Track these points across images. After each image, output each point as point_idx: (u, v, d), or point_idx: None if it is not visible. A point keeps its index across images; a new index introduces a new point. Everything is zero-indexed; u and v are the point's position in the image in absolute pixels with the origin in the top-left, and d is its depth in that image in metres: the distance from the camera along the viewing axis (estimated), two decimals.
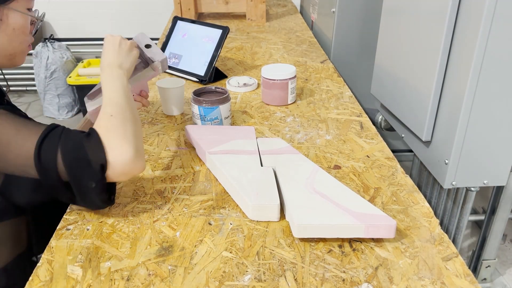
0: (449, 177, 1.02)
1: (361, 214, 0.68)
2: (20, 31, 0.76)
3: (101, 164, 0.64)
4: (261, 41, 1.74)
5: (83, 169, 0.64)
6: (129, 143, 0.66)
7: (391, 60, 1.23)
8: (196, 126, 0.99)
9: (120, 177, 0.67)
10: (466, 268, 0.64)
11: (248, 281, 0.62)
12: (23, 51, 0.79)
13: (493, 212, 1.26)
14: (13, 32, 0.75)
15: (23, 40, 0.77)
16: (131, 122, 0.70)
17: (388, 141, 1.69)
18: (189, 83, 1.33)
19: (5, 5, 0.72)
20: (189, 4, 1.95)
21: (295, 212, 0.69)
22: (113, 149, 0.65)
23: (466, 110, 0.93)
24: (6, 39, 0.75)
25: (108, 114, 0.69)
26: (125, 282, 0.62)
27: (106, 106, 0.72)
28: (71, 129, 0.68)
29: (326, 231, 0.68)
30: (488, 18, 0.85)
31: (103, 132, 0.66)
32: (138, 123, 0.73)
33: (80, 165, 0.64)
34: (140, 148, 0.69)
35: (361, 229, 0.67)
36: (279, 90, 1.14)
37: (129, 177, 0.68)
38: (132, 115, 0.72)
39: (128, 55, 0.82)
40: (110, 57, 0.80)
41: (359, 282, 0.62)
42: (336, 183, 0.77)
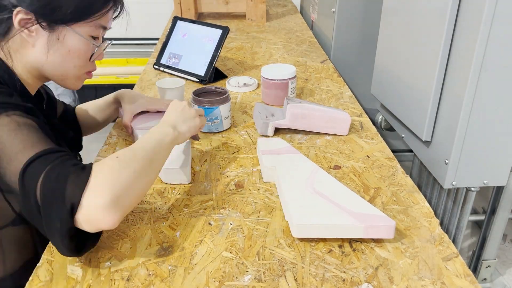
0: (449, 177, 1.02)
1: (361, 215, 0.68)
2: (76, 55, 0.75)
3: (72, 203, 0.56)
4: (261, 41, 1.74)
5: (54, 204, 0.56)
6: (111, 190, 0.57)
7: (391, 60, 1.23)
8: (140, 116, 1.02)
9: (84, 224, 0.57)
10: (466, 268, 0.64)
11: (248, 281, 0.62)
12: (76, 76, 0.78)
13: (493, 212, 1.26)
14: (67, 54, 0.74)
15: (77, 65, 0.76)
16: (133, 174, 0.61)
17: (388, 141, 1.68)
18: (189, 83, 1.33)
19: (65, 25, 0.72)
20: (189, 4, 1.95)
21: (294, 212, 0.69)
22: (92, 190, 0.57)
23: (466, 110, 0.93)
24: (60, 60, 0.74)
25: (116, 155, 0.63)
26: (125, 282, 0.62)
27: (127, 149, 0.66)
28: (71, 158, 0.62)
29: (325, 231, 0.68)
30: (488, 18, 0.85)
31: (97, 170, 0.59)
32: (142, 182, 0.63)
33: (54, 199, 0.56)
34: (122, 202, 0.59)
35: (360, 229, 0.67)
36: (279, 90, 1.14)
37: (94, 228, 0.58)
38: (141, 170, 0.63)
39: (188, 121, 0.79)
40: (169, 116, 0.79)
41: (359, 282, 0.62)
42: (336, 183, 0.77)
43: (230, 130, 1.04)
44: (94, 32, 0.76)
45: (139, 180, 0.63)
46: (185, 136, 0.78)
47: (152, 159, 0.67)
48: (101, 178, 0.58)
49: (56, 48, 0.73)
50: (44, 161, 0.59)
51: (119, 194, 0.58)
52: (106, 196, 0.57)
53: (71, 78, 0.78)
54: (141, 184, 0.63)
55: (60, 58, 0.74)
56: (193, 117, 0.80)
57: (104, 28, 0.78)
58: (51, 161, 0.59)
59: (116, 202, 0.58)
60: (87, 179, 0.57)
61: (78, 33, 0.73)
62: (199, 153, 0.95)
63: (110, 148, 0.96)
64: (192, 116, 0.80)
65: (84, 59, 0.77)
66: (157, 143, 0.70)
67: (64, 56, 0.74)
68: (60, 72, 0.76)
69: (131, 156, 0.64)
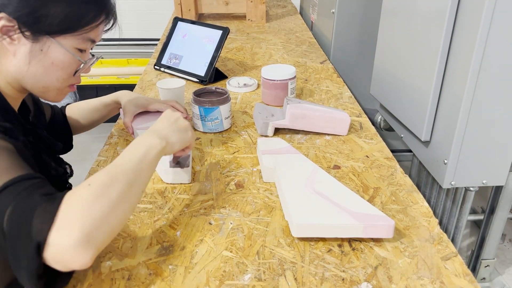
0: (448, 177, 1.03)
1: (360, 214, 0.69)
2: (59, 67, 0.70)
3: (38, 241, 0.50)
4: (261, 42, 1.74)
5: (20, 240, 0.51)
6: (81, 225, 0.51)
7: (391, 61, 1.24)
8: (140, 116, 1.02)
9: (53, 263, 0.52)
10: (465, 268, 0.64)
11: (248, 281, 0.62)
12: (58, 89, 0.73)
13: (492, 212, 1.27)
14: (50, 66, 0.69)
15: (60, 78, 0.71)
16: (108, 204, 0.55)
17: (388, 141, 1.69)
18: (190, 83, 1.33)
19: (49, 36, 0.67)
20: (190, 5, 1.96)
21: (294, 212, 0.69)
22: (59, 227, 0.51)
23: (465, 110, 0.94)
24: (41, 71, 0.69)
25: (89, 182, 0.56)
26: (126, 281, 0.62)
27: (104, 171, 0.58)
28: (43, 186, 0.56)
29: (324, 230, 0.68)
30: (487, 18, 0.85)
31: (66, 202, 0.53)
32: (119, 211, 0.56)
33: (20, 235, 0.51)
34: (94, 239, 0.52)
35: (359, 229, 0.67)
36: (279, 90, 1.14)
37: (65, 268, 0.52)
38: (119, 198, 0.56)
39: (179, 132, 0.73)
40: (158, 125, 0.72)
41: (358, 282, 0.62)
42: (335, 183, 0.78)
43: (230, 130, 1.05)
44: (81, 45, 0.71)
45: (116, 210, 0.56)
46: (174, 148, 0.72)
47: (133, 181, 0.59)
48: (69, 213, 0.52)
49: (38, 59, 0.68)
50: (13, 191, 0.54)
51: (90, 230, 0.52)
52: (74, 234, 0.50)
53: (53, 91, 0.73)
54: (119, 213, 0.56)
55: (42, 70, 0.69)
56: (185, 130, 0.75)
57: (93, 41, 0.73)
58: (19, 192, 0.54)
59: (87, 239, 0.51)
60: (54, 213, 0.51)
61: (63, 46, 0.69)
62: (199, 153, 0.95)
63: (111, 148, 0.97)
64: (185, 128, 0.75)
65: (68, 73, 0.72)
66: (140, 160, 0.62)
67: (47, 68, 0.69)
68: (42, 85, 0.71)
69: (107, 182, 0.56)
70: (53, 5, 0.65)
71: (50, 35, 0.67)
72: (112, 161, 0.61)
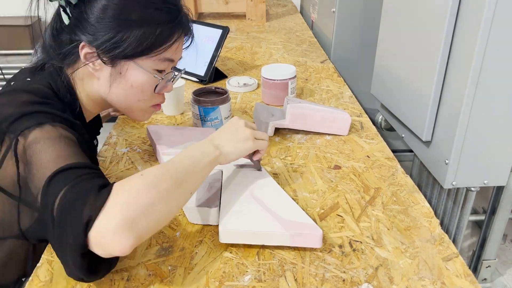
0: (449, 177, 1.02)
1: (290, 222, 0.67)
2: (139, 89, 0.73)
3: (87, 222, 0.51)
4: (261, 41, 1.74)
5: (70, 218, 0.52)
6: (125, 210, 0.52)
7: (391, 60, 1.23)
8: (157, 126, 0.98)
9: (95, 247, 0.52)
10: (466, 268, 0.64)
11: (248, 281, 0.62)
12: (141, 109, 0.78)
13: (494, 212, 1.26)
14: (130, 88, 0.73)
15: (141, 98, 0.75)
16: (156, 195, 0.55)
17: (388, 141, 1.68)
18: (189, 83, 1.33)
19: (127, 60, 0.71)
20: (189, 4, 1.95)
21: (223, 217, 0.68)
22: (106, 211, 0.52)
23: (466, 110, 0.93)
24: (122, 93, 0.73)
25: (141, 172, 0.58)
26: (125, 282, 0.62)
27: (157, 166, 0.60)
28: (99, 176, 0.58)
29: (251, 238, 0.66)
30: (488, 18, 0.84)
31: (117, 189, 0.54)
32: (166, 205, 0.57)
33: (70, 213, 0.52)
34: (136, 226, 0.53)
35: (286, 237, 0.66)
36: (279, 90, 1.14)
37: (105, 253, 0.53)
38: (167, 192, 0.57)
39: (236, 142, 0.71)
40: (217, 133, 0.71)
41: (359, 282, 0.62)
42: (276, 189, 0.76)
43: None
44: (159, 66, 0.74)
45: (163, 203, 0.56)
46: (229, 158, 0.70)
47: (183, 180, 0.60)
48: (117, 198, 0.53)
49: (118, 82, 0.72)
50: (71, 174, 0.56)
51: (134, 216, 0.52)
52: (117, 218, 0.51)
53: (136, 111, 0.78)
54: (164, 207, 0.56)
55: (123, 92, 0.73)
56: (245, 139, 0.72)
57: (171, 60, 0.75)
58: (78, 175, 0.56)
59: (129, 225, 0.52)
60: (105, 198, 0.53)
61: (141, 67, 0.72)
62: None
63: (110, 148, 0.96)
64: (244, 138, 0.72)
65: (148, 93, 0.75)
66: (193, 163, 0.63)
67: (127, 90, 0.73)
68: (124, 105, 0.76)
69: (158, 175, 0.58)
70: (127, 31, 0.69)
71: (126, 59, 0.70)
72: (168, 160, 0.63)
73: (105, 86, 0.73)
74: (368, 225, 0.73)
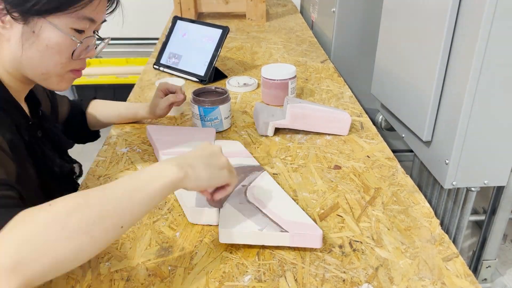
0: (450, 177, 1.02)
1: (290, 222, 0.67)
2: (55, 50, 0.65)
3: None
4: (261, 41, 1.74)
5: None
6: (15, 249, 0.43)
7: (392, 60, 1.23)
8: (157, 126, 1.00)
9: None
10: (466, 268, 0.64)
11: (248, 282, 0.62)
12: (59, 75, 0.69)
13: (494, 212, 1.26)
14: (45, 48, 0.64)
15: (58, 61, 0.66)
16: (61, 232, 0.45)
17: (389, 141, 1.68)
18: (189, 83, 1.33)
19: (40, 16, 0.62)
20: (189, 4, 1.95)
21: (223, 217, 0.68)
22: None
23: (467, 110, 0.93)
24: (37, 55, 0.65)
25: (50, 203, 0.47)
26: (125, 282, 0.62)
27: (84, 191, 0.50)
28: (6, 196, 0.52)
29: (250, 238, 0.66)
30: (488, 18, 0.84)
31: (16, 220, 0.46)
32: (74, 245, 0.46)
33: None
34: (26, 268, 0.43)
35: (286, 237, 0.66)
36: (279, 90, 1.14)
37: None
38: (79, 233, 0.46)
39: (210, 168, 0.59)
40: (189, 153, 0.60)
41: (359, 283, 0.62)
42: (276, 188, 0.76)
43: (230, 130, 1.04)
44: (78, 25, 0.65)
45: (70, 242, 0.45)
46: (198, 184, 0.58)
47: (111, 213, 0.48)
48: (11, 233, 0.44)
49: (31, 41, 0.63)
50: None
51: (23, 258, 0.43)
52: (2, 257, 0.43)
53: (54, 77, 0.68)
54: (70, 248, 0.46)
55: (37, 54, 0.65)
56: (221, 168, 0.61)
57: (91, 20, 0.66)
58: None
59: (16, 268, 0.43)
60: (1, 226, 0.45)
61: (56, 26, 0.63)
62: None
63: (110, 148, 0.96)
64: (220, 166, 0.61)
65: (66, 56, 0.67)
66: (137, 188, 0.51)
67: (42, 51, 0.64)
68: (40, 71, 0.67)
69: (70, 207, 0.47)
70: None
71: (40, 15, 0.62)
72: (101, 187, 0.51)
73: (17, 48, 0.64)
74: (368, 225, 0.73)
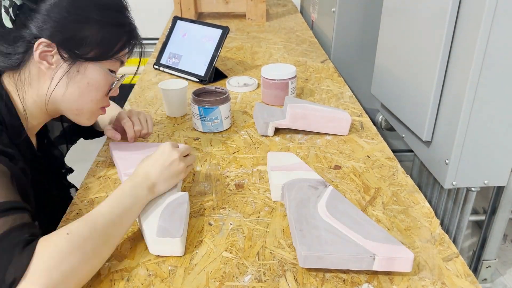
0: (450, 177, 1.02)
1: (375, 245, 0.62)
2: (94, 87, 0.72)
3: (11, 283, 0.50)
4: (261, 41, 1.74)
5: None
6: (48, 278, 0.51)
7: (392, 60, 1.23)
8: (121, 143, 0.93)
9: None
10: (466, 268, 0.64)
11: (248, 282, 0.62)
12: (91, 111, 0.76)
13: (494, 212, 1.26)
14: (86, 86, 0.71)
15: (94, 99, 0.74)
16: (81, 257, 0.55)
17: (389, 141, 1.68)
18: (189, 83, 1.33)
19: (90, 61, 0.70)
20: (189, 4, 1.95)
21: (301, 241, 0.63)
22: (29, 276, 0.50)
23: (467, 110, 0.93)
24: (77, 92, 0.71)
25: (67, 230, 0.55)
26: (125, 282, 0.62)
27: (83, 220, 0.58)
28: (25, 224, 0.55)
29: (334, 262, 0.61)
30: (488, 18, 0.84)
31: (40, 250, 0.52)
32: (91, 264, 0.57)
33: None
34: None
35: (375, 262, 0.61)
36: (279, 90, 1.14)
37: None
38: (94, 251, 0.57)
39: (170, 179, 0.72)
40: (151, 170, 0.70)
41: (359, 283, 0.62)
42: (349, 206, 0.71)
43: (230, 130, 1.04)
44: (113, 67, 0.74)
45: (87, 264, 0.56)
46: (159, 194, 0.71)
47: (111, 234, 0.60)
48: (40, 262, 0.51)
49: (75, 80, 0.70)
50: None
51: (55, 283, 0.51)
52: (38, 285, 0.50)
53: (86, 113, 0.76)
54: (89, 268, 0.57)
55: (78, 91, 0.71)
56: (177, 174, 0.73)
57: (122, 62, 0.77)
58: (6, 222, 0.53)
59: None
60: (28, 261, 0.51)
61: (99, 66, 0.72)
62: (199, 153, 0.95)
63: (109, 149, 0.96)
64: (177, 173, 0.73)
65: (102, 93, 0.75)
66: (124, 211, 0.63)
67: (83, 89, 0.71)
68: (76, 106, 0.73)
69: (84, 234, 0.56)
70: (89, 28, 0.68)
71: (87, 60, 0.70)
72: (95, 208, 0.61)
73: (61, 86, 0.70)
74: None
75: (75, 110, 0.74)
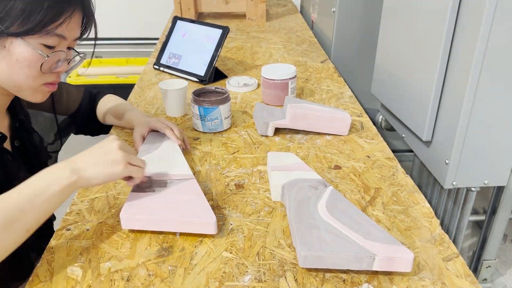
0: (450, 177, 1.02)
1: (375, 245, 0.62)
2: (24, 64, 0.67)
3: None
4: (261, 41, 1.74)
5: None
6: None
7: (392, 60, 1.23)
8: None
9: None
10: (466, 269, 0.64)
11: (248, 282, 0.62)
12: (32, 87, 0.70)
13: (494, 212, 1.26)
14: (15, 62, 0.66)
15: (28, 75, 0.68)
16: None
17: (389, 141, 1.68)
18: (189, 83, 1.33)
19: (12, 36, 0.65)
20: (189, 4, 1.95)
21: (301, 241, 0.63)
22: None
23: (467, 110, 0.93)
24: (8, 68, 0.67)
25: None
26: (125, 282, 0.62)
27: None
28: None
29: (335, 262, 0.61)
30: (488, 18, 0.84)
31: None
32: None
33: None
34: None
35: (374, 262, 0.61)
36: (279, 90, 1.14)
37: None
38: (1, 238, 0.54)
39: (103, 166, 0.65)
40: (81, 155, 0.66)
41: (359, 283, 0.62)
42: (349, 206, 0.71)
43: (230, 130, 1.04)
44: (47, 41, 0.67)
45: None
46: (92, 182, 0.64)
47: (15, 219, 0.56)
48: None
49: (2, 56, 0.66)
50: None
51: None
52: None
53: (26, 90, 0.70)
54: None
55: (7, 67, 0.67)
56: (115, 163, 0.66)
57: (62, 37, 0.68)
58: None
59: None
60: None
61: (26, 42, 0.65)
62: (199, 153, 0.95)
63: None
64: (114, 161, 0.66)
65: (36, 69, 0.68)
66: (35, 194, 0.58)
67: (12, 65, 0.66)
68: (13, 83, 0.69)
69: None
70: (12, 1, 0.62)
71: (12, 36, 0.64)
72: None
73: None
74: None
75: (14, 87, 0.70)
